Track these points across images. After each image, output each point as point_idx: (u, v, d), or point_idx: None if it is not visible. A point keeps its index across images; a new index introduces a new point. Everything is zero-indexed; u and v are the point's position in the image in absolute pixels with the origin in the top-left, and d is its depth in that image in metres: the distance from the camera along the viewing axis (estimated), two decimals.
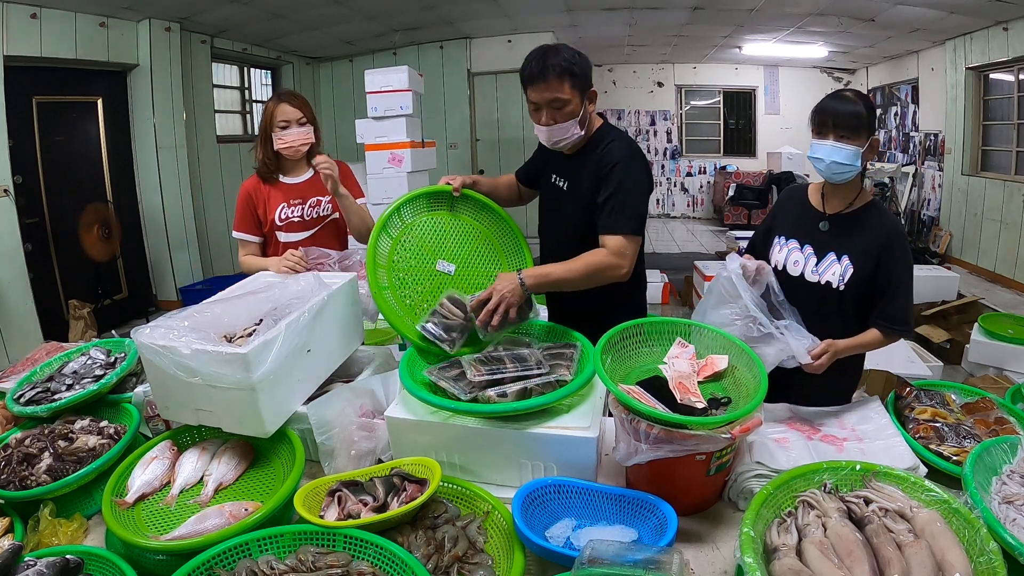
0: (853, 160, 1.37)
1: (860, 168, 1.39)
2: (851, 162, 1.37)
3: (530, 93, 1.52)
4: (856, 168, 1.38)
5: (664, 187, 10.24)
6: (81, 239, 4.19)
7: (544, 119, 1.52)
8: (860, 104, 1.37)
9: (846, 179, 1.41)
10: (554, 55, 1.48)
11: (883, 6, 5.19)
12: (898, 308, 1.41)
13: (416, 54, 7.12)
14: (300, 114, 1.89)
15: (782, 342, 1.31)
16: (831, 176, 1.42)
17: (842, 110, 1.37)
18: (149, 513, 1.15)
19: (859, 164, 1.38)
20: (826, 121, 1.39)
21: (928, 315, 4.18)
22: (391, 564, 0.94)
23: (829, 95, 1.43)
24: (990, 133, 5.99)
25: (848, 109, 1.37)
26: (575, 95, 1.50)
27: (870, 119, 1.37)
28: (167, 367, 1.17)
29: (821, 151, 1.39)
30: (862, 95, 1.40)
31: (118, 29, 4.69)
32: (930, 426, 1.30)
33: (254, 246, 1.99)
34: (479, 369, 1.24)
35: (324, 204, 1.98)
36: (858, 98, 1.38)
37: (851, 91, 1.43)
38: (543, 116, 1.52)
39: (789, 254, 1.54)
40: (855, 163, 1.37)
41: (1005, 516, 0.96)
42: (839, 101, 1.39)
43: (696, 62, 9.36)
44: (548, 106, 1.50)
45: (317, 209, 1.97)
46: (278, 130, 1.89)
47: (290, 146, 1.89)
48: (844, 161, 1.37)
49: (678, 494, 1.09)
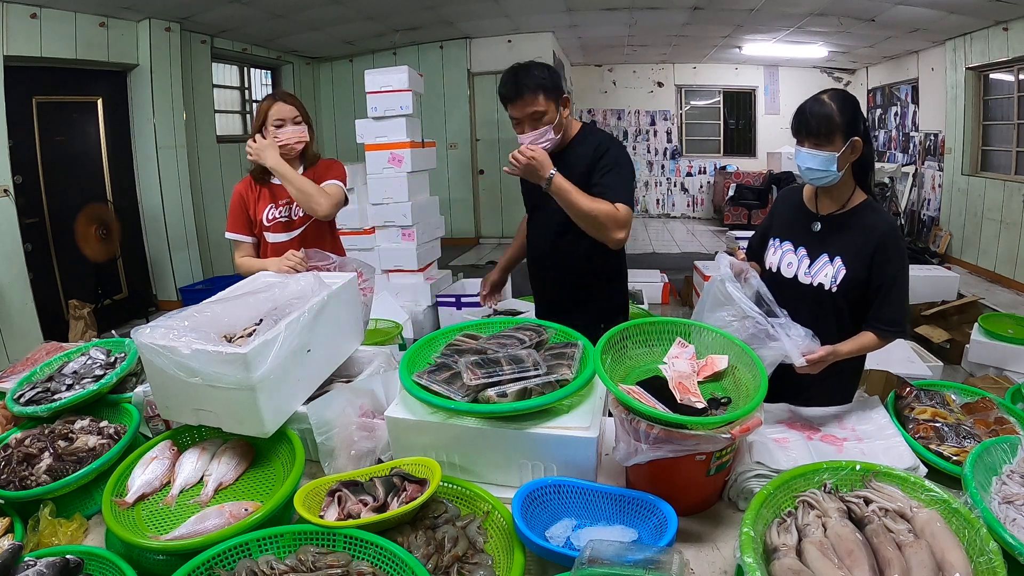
0: (827, 166, 1.36)
1: (837, 172, 1.37)
2: (825, 167, 1.36)
3: (510, 110, 1.71)
4: (832, 173, 1.37)
5: (664, 187, 10.25)
6: (78, 240, 4.17)
7: (526, 130, 1.70)
8: (833, 107, 1.34)
9: (826, 183, 1.41)
10: (525, 75, 1.66)
11: (883, 6, 5.19)
12: (892, 310, 1.40)
13: (416, 54, 7.13)
14: (296, 112, 1.90)
15: (778, 342, 1.31)
16: (811, 181, 1.42)
17: (813, 117, 1.35)
18: (149, 513, 1.15)
19: (835, 168, 1.36)
20: (800, 128, 1.38)
21: (928, 315, 4.18)
22: (391, 564, 0.94)
23: (809, 98, 1.40)
24: (990, 133, 5.99)
25: (820, 113, 1.35)
26: (550, 104, 1.69)
27: (846, 122, 1.34)
28: (167, 367, 1.17)
29: (797, 156, 1.40)
30: (841, 96, 1.37)
31: (118, 29, 4.69)
32: (930, 426, 1.30)
33: (248, 247, 1.99)
34: (475, 372, 1.23)
35: None
36: (833, 100, 1.35)
37: (831, 92, 1.39)
38: (524, 128, 1.71)
39: (783, 256, 1.54)
40: (830, 168, 1.36)
41: (1005, 516, 0.96)
42: (813, 104, 1.37)
43: (696, 62, 9.36)
44: (528, 119, 1.69)
45: (302, 208, 1.96)
46: (273, 128, 1.90)
47: (285, 143, 1.90)
48: (818, 167, 1.37)
49: (678, 494, 1.09)
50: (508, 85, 1.68)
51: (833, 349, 1.33)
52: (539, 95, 1.66)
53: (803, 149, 1.38)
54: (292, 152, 1.93)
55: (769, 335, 1.32)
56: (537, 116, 1.68)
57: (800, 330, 1.33)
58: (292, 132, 1.90)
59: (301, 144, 1.93)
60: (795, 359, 1.30)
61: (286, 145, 1.90)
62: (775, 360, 1.29)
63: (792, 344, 1.30)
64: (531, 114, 1.68)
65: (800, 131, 1.39)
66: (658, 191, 10.27)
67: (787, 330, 1.33)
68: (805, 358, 1.30)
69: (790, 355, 1.30)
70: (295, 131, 1.91)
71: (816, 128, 1.35)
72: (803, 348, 1.31)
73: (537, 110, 1.67)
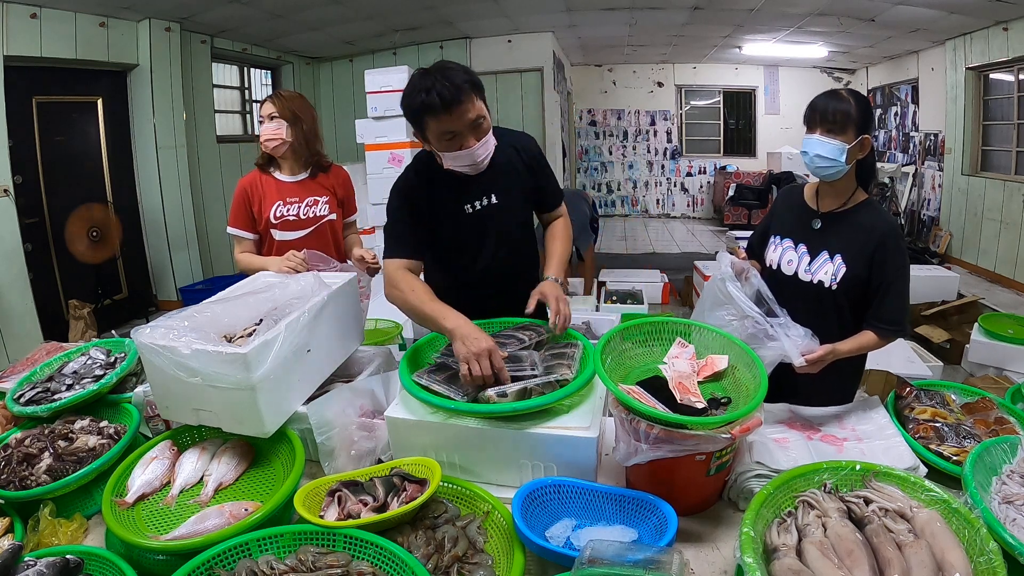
0: (837, 155, 1.36)
1: (845, 165, 1.38)
2: (835, 157, 1.37)
3: (444, 122, 1.38)
4: (840, 164, 1.38)
5: (664, 187, 10.25)
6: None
7: (469, 142, 1.42)
8: (851, 102, 1.37)
9: (831, 175, 1.41)
10: (452, 73, 1.36)
11: (883, 6, 5.19)
12: (891, 309, 1.40)
13: (416, 54, 7.11)
14: (272, 109, 1.90)
15: (777, 342, 1.31)
16: (815, 171, 1.42)
17: (831, 105, 1.38)
18: (149, 513, 1.15)
19: (843, 160, 1.37)
20: (814, 115, 1.40)
21: (928, 315, 4.18)
22: (391, 564, 0.94)
23: (826, 91, 1.43)
24: (990, 133, 5.99)
25: (837, 105, 1.37)
26: (482, 106, 1.43)
27: (861, 117, 1.37)
28: (167, 367, 1.17)
29: (807, 144, 1.40)
30: (857, 95, 1.40)
31: (118, 29, 4.69)
32: (930, 426, 1.30)
33: (249, 243, 1.98)
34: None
35: (321, 204, 1.98)
36: (851, 96, 1.38)
37: (847, 90, 1.42)
38: (467, 140, 1.41)
39: (783, 253, 1.54)
40: (839, 158, 1.37)
41: (1005, 516, 0.96)
42: (830, 97, 1.39)
43: (696, 62, 9.36)
44: (470, 127, 1.40)
45: (313, 209, 1.97)
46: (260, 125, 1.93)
47: (262, 141, 1.92)
48: (827, 155, 1.37)
49: (678, 494, 1.09)
50: (441, 90, 1.34)
51: (832, 348, 1.33)
52: (477, 97, 1.40)
53: (815, 136, 1.39)
54: (267, 148, 1.92)
55: (768, 335, 1.32)
56: (480, 122, 1.41)
57: (799, 330, 1.33)
58: (264, 130, 1.91)
59: (273, 142, 1.90)
60: (794, 359, 1.30)
61: (262, 143, 1.92)
62: (774, 360, 1.29)
63: (791, 344, 1.31)
64: (471, 121, 1.39)
65: (814, 119, 1.40)
66: (658, 191, 10.27)
67: (786, 330, 1.33)
68: (804, 358, 1.30)
69: (789, 355, 1.30)
70: (266, 128, 1.91)
71: (832, 116, 1.37)
72: (802, 348, 1.31)
73: (479, 115, 1.40)
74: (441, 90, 1.34)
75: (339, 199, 2.03)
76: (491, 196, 1.57)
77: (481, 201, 1.57)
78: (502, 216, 1.59)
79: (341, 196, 2.04)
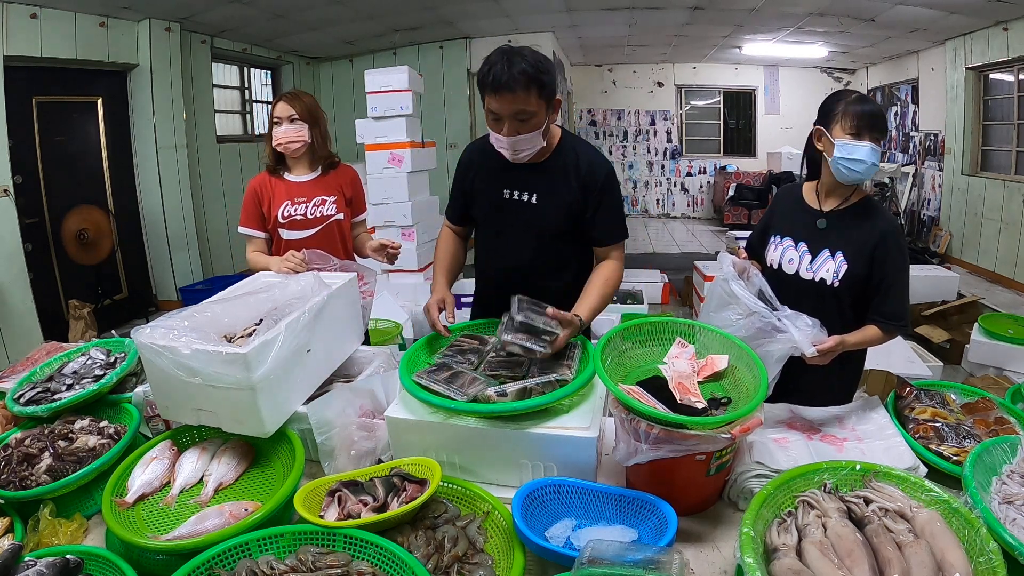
0: (877, 160, 1.39)
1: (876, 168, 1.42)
2: (876, 163, 1.39)
3: (491, 102, 1.38)
4: (875, 168, 1.41)
5: (664, 187, 10.25)
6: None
7: (506, 130, 1.40)
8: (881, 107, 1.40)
9: (862, 180, 1.42)
10: (520, 60, 1.33)
11: (883, 6, 5.19)
12: (893, 304, 1.41)
13: (416, 54, 7.12)
14: (291, 111, 1.90)
15: (786, 334, 1.30)
16: (853, 176, 1.39)
17: (877, 113, 1.39)
18: (149, 513, 1.15)
19: (879, 164, 1.41)
20: (863, 124, 1.37)
21: (928, 315, 4.18)
22: (391, 564, 0.94)
23: (854, 98, 1.40)
24: (990, 133, 5.99)
25: (880, 112, 1.40)
26: (541, 106, 1.39)
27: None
28: (167, 367, 1.17)
29: (860, 152, 1.36)
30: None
31: (118, 29, 4.69)
32: (930, 426, 1.30)
33: (260, 242, 1.99)
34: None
35: (328, 204, 1.98)
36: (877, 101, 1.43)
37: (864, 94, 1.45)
38: (504, 127, 1.39)
39: (784, 252, 1.54)
40: (877, 163, 1.40)
41: (1005, 516, 0.96)
42: (868, 104, 1.40)
43: (696, 62, 9.36)
44: (512, 117, 1.38)
45: (321, 208, 1.97)
46: (274, 127, 1.92)
47: (279, 143, 1.91)
48: (872, 162, 1.38)
49: (678, 494, 1.09)
50: (499, 68, 1.33)
51: (842, 339, 1.33)
52: (532, 92, 1.35)
53: (867, 144, 1.37)
54: (288, 151, 1.93)
55: (776, 328, 1.32)
56: (524, 117, 1.38)
57: (807, 320, 1.33)
58: (283, 132, 1.90)
59: (295, 144, 1.92)
60: (805, 348, 1.29)
61: (280, 144, 1.91)
62: (785, 354, 1.29)
63: (802, 335, 1.29)
64: (517, 112, 1.37)
65: (863, 127, 1.37)
66: (658, 191, 10.26)
67: (794, 321, 1.32)
68: (816, 347, 1.30)
69: (800, 345, 1.28)
70: (287, 131, 1.90)
71: (882, 125, 1.39)
72: (812, 338, 1.30)
73: (526, 109, 1.36)
74: (498, 72, 1.34)
75: (347, 198, 2.03)
76: (533, 195, 1.56)
77: (522, 194, 1.57)
78: (535, 216, 1.56)
79: (349, 195, 2.04)
